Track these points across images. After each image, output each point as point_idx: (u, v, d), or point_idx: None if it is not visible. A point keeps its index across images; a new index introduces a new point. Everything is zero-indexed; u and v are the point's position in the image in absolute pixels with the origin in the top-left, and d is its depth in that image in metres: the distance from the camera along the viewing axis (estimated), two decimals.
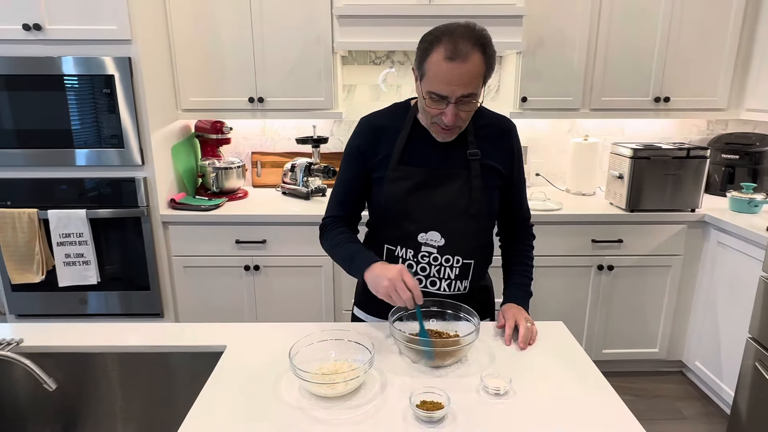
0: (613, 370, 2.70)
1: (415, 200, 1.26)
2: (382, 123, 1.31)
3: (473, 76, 1.12)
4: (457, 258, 1.29)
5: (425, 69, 1.14)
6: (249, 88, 2.54)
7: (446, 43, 1.10)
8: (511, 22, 2.36)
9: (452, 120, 1.16)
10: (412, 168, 1.26)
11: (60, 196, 2.32)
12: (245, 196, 2.72)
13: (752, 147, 2.65)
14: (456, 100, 1.14)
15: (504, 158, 1.32)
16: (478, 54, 1.11)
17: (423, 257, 1.28)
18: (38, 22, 2.13)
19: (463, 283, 1.32)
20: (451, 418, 0.96)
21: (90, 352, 1.24)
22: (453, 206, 1.26)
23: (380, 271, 1.16)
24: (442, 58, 1.10)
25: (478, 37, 1.12)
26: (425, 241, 1.28)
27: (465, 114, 1.19)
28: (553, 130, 2.94)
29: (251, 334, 1.27)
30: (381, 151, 1.28)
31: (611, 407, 1.00)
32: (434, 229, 1.27)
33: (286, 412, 0.98)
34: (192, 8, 2.44)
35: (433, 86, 1.14)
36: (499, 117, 1.35)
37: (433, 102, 1.16)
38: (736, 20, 2.49)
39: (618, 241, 2.46)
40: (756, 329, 1.91)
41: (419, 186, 1.26)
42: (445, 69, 1.10)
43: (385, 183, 1.27)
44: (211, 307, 2.52)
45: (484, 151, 1.28)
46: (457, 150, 1.27)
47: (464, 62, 1.10)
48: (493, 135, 1.31)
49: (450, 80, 1.11)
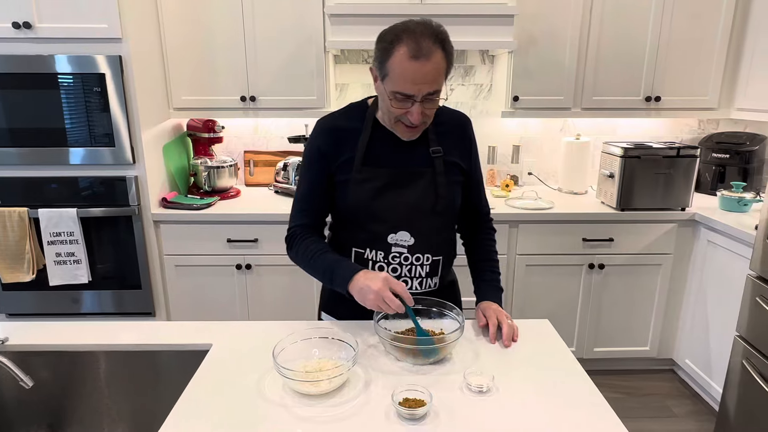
0: (604, 368, 2.71)
1: (383, 201, 1.25)
2: (340, 124, 1.28)
3: (437, 74, 1.12)
4: (427, 255, 1.29)
5: (388, 69, 1.13)
6: (241, 87, 2.54)
7: (408, 41, 1.09)
8: (503, 22, 2.36)
9: (418, 118, 1.15)
10: (378, 169, 1.25)
11: (51, 194, 2.32)
12: (237, 195, 2.72)
13: (742, 146, 2.66)
14: (421, 99, 1.13)
15: (463, 153, 1.33)
16: (439, 51, 1.11)
17: (394, 258, 1.27)
18: (28, 20, 2.12)
19: (434, 280, 1.33)
20: (434, 415, 0.96)
21: (75, 351, 1.24)
22: (421, 205, 1.26)
23: (364, 282, 1.13)
24: (407, 58, 1.09)
25: (437, 34, 1.11)
26: (395, 242, 1.27)
27: (430, 111, 1.18)
28: (545, 130, 2.95)
29: (237, 333, 1.27)
30: (343, 153, 1.26)
31: (593, 404, 1.01)
32: (404, 229, 1.26)
33: (269, 410, 0.98)
34: (184, 7, 2.44)
35: (398, 86, 1.13)
36: (454, 112, 1.36)
37: (398, 102, 1.15)
38: (726, 20, 2.50)
39: (609, 240, 2.47)
40: (743, 327, 1.92)
41: (386, 186, 1.25)
42: (410, 68, 1.09)
43: (350, 185, 1.25)
44: (202, 306, 2.52)
45: (445, 148, 1.29)
46: (420, 148, 1.27)
47: (428, 60, 1.09)
48: (452, 131, 1.32)
49: (415, 79, 1.10)
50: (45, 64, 2.17)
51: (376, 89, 1.21)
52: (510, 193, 2.76)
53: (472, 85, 2.87)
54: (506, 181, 2.77)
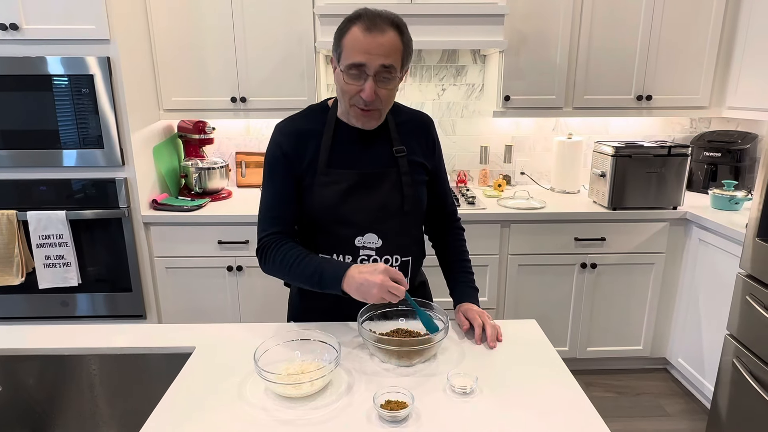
0: (597, 367, 2.71)
1: (349, 204, 1.23)
2: (301, 127, 1.25)
3: (391, 49, 1.11)
4: (396, 257, 1.28)
5: (343, 46, 1.13)
6: (231, 88, 2.53)
7: (363, 19, 1.11)
8: (493, 21, 2.36)
9: (371, 95, 1.13)
10: (342, 171, 1.23)
11: (40, 197, 2.31)
12: (229, 197, 2.71)
13: (734, 145, 2.66)
14: (374, 73, 1.12)
15: (426, 153, 1.32)
16: (393, 31, 1.12)
17: (362, 261, 1.25)
18: (15, 21, 2.11)
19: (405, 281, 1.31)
20: (415, 417, 0.96)
21: (59, 354, 1.22)
22: (387, 205, 1.25)
23: (362, 278, 1.10)
24: (360, 31, 1.10)
25: (393, 19, 1.13)
26: (363, 245, 1.25)
27: (384, 92, 1.15)
28: (537, 129, 2.95)
29: (221, 335, 1.26)
30: (306, 156, 1.23)
31: (577, 405, 1.00)
32: (370, 231, 1.24)
33: (250, 413, 0.97)
34: (173, 8, 2.43)
35: (351, 58, 1.11)
36: (416, 112, 1.36)
37: (351, 78, 1.13)
38: (716, 19, 2.50)
39: (601, 239, 2.46)
40: (734, 326, 1.92)
41: (351, 189, 1.23)
42: (363, 39, 1.10)
43: (314, 189, 1.22)
44: (194, 308, 2.51)
45: (408, 147, 1.28)
46: (383, 148, 1.26)
47: (382, 34, 1.10)
48: (414, 130, 1.31)
49: (368, 49, 1.10)
50: (33, 65, 2.16)
51: (335, 79, 1.19)
52: (502, 192, 2.76)
53: (464, 84, 2.87)
54: (498, 181, 2.77)
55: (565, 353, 2.62)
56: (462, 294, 1.35)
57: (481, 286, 2.50)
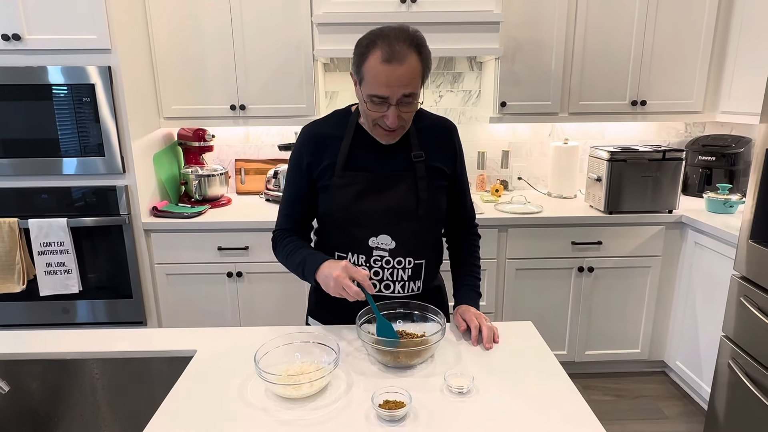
0: (595, 371, 2.72)
1: (363, 205, 1.27)
2: (323, 131, 1.31)
3: (412, 77, 1.14)
4: (409, 259, 1.30)
5: (363, 73, 1.15)
6: (231, 96, 2.56)
7: (382, 46, 1.12)
8: (489, 29, 2.40)
9: (394, 122, 1.18)
10: (358, 173, 1.27)
11: (41, 204, 2.33)
12: (228, 204, 2.73)
13: (728, 149, 2.69)
14: (397, 102, 1.15)
15: (447, 158, 1.34)
16: (414, 55, 1.13)
17: (375, 261, 1.29)
18: (17, 32, 2.14)
19: (417, 284, 1.33)
20: (413, 417, 0.97)
21: (61, 359, 1.24)
22: (401, 208, 1.28)
23: (327, 270, 1.18)
24: (380, 61, 1.12)
25: (412, 38, 1.14)
26: (376, 245, 1.28)
27: (407, 115, 1.20)
28: (534, 134, 2.98)
29: (221, 339, 1.28)
30: (325, 160, 1.28)
31: (573, 406, 1.02)
32: (384, 233, 1.28)
33: (250, 413, 0.99)
34: (173, 17, 2.46)
35: (373, 89, 1.15)
36: (439, 118, 1.38)
37: (374, 105, 1.17)
38: (709, 25, 2.54)
39: (598, 243, 2.49)
40: (730, 328, 1.94)
41: (366, 191, 1.27)
42: (384, 71, 1.12)
43: (331, 190, 1.27)
44: (194, 315, 2.52)
45: (428, 153, 1.30)
46: (401, 153, 1.29)
47: (401, 64, 1.12)
48: (435, 136, 1.33)
49: (389, 82, 1.13)
50: (35, 75, 2.19)
51: (356, 94, 1.24)
52: (500, 197, 2.78)
53: (461, 91, 2.90)
54: (496, 186, 2.79)
55: (564, 357, 2.63)
56: (463, 296, 1.37)
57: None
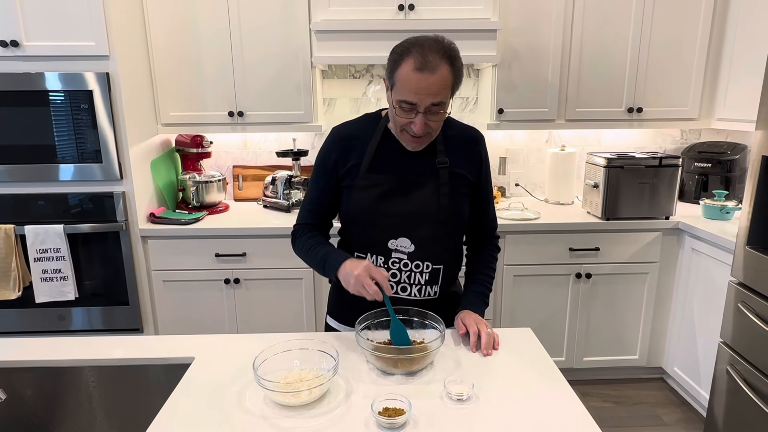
0: (594, 377, 2.72)
1: (384, 207, 1.29)
2: (353, 132, 1.34)
3: (441, 87, 1.16)
4: (427, 263, 1.31)
5: (395, 79, 1.18)
6: (229, 103, 2.57)
7: (416, 54, 1.15)
8: (486, 36, 2.41)
9: (421, 129, 1.20)
10: (381, 176, 1.29)
11: (37, 211, 2.32)
12: (226, 210, 2.73)
13: (724, 155, 2.70)
14: (425, 110, 1.17)
15: (472, 167, 1.35)
16: (446, 66, 1.16)
17: (393, 263, 1.30)
18: (16, 38, 2.14)
19: (434, 288, 1.34)
20: (413, 424, 0.97)
21: (57, 366, 1.23)
22: (422, 212, 1.29)
23: (349, 268, 1.19)
24: (412, 69, 1.14)
25: (446, 50, 1.17)
26: (395, 248, 1.30)
27: (434, 123, 1.22)
28: (531, 141, 2.99)
29: (219, 346, 1.27)
30: (351, 160, 1.31)
31: (573, 412, 1.02)
32: (404, 236, 1.29)
33: (249, 421, 0.98)
34: (171, 24, 2.47)
35: (402, 95, 1.17)
36: (467, 128, 1.40)
37: (403, 111, 1.20)
38: (704, 32, 2.56)
39: (595, 249, 2.49)
40: (727, 334, 1.94)
41: (388, 193, 1.29)
42: (415, 79, 1.15)
43: (354, 191, 1.30)
44: (191, 321, 2.51)
45: (453, 160, 1.31)
46: (427, 159, 1.30)
47: (433, 73, 1.14)
48: (462, 145, 1.35)
49: (419, 90, 1.15)
50: (33, 81, 2.19)
51: (387, 99, 1.26)
52: (497, 204, 2.79)
53: (458, 98, 2.91)
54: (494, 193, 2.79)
55: (562, 363, 2.63)
56: (468, 301, 1.36)
57: None
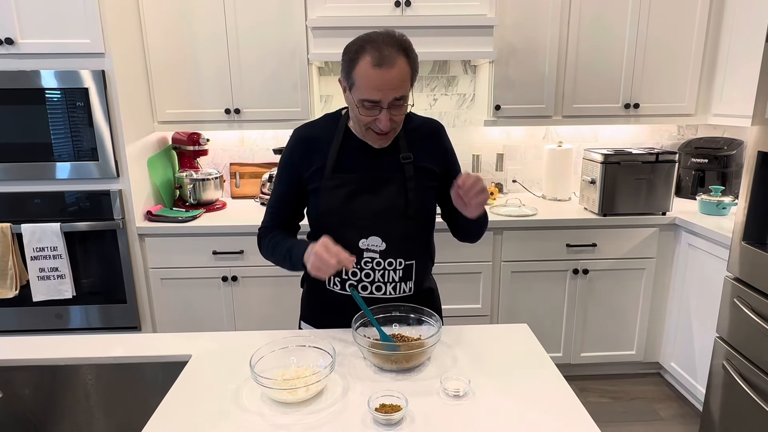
0: (591, 373, 2.73)
1: (353, 207, 1.28)
2: (314, 134, 1.33)
3: (401, 80, 1.16)
4: (400, 260, 1.31)
5: (354, 78, 1.17)
6: (225, 100, 2.56)
7: (371, 51, 1.14)
8: (482, 32, 2.41)
9: (387, 125, 1.19)
10: (347, 175, 1.29)
11: (34, 209, 2.31)
12: (223, 208, 2.73)
13: (720, 151, 2.71)
14: (388, 105, 1.17)
15: (436, 158, 1.35)
16: (402, 58, 1.15)
17: (366, 263, 1.30)
18: (11, 36, 2.13)
19: (408, 285, 1.34)
20: (409, 420, 0.97)
21: (54, 365, 1.23)
22: (390, 209, 1.29)
23: (310, 251, 1.17)
24: (370, 66, 1.13)
25: (400, 43, 1.16)
26: (366, 247, 1.29)
27: (398, 118, 1.22)
28: (528, 137, 2.99)
29: (216, 343, 1.28)
30: (314, 163, 1.30)
31: (569, 408, 1.02)
32: (374, 234, 1.29)
33: (246, 418, 0.99)
34: (167, 21, 2.46)
35: (364, 94, 1.16)
36: (427, 119, 1.40)
37: (366, 110, 1.19)
38: (700, 28, 2.56)
39: (592, 245, 2.49)
40: (724, 329, 1.95)
41: (355, 192, 1.28)
42: (374, 75, 1.13)
43: (321, 192, 1.28)
44: (189, 319, 2.51)
45: (416, 154, 1.31)
46: (390, 155, 1.30)
47: (392, 67, 1.13)
48: (423, 137, 1.35)
49: (380, 86, 1.14)
50: (28, 79, 2.18)
51: (346, 99, 1.25)
52: (494, 200, 2.79)
53: (456, 94, 2.91)
54: (491, 189, 2.80)
55: (559, 359, 2.63)
56: None
57: (475, 292, 2.52)
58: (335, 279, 1.32)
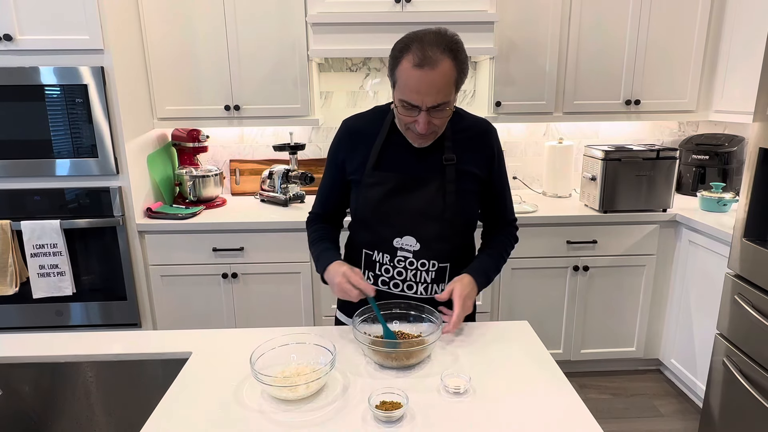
0: (591, 369, 2.73)
1: (390, 205, 1.27)
2: (361, 127, 1.32)
3: (443, 84, 1.11)
4: (433, 262, 1.30)
5: (396, 77, 1.14)
6: (225, 96, 2.55)
7: (415, 50, 1.09)
8: (483, 28, 2.40)
9: (425, 128, 1.16)
10: (387, 173, 1.27)
11: (34, 206, 2.31)
12: (223, 204, 2.72)
13: (721, 147, 2.70)
14: (427, 109, 1.13)
15: (483, 162, 1.30)
16: (448, 60, 1.10)
17: (399, 261, 1.30)
18: (9, 32, 2.12)
19: (440, 287, 1.32)
20: (410, 418, 0.97)
21: (54, 362, 1.23)
22: (427, 211, 1.26)
23: (331, 275, 1.24)
24: (411, 66, 1.09)
25: (447, 43, 1.10)
26: (401, 246, 1.29)
27: (438, 121, 1.17)
28: (528, 134, 2.98)
29: (216, 341, 1.27)
30: (358, 156, 1.30)
31: (568, 403, 1.02)
32: (409, 234, 1.28)
33: (246, 416, 0.98)
34: (167, 17, 2.45)
35: (403, 94, 1.14)
36: (478, 120, 1.34)
37: (405, 110, 1.16)
38: (701, 25, 2.55)
39: (593, 242, 2.49)
40: (724, 325, 1.95)
41: (393, 191, 1.27)
42: (415, 77, 1.10)
43: (360, 188, 1.29)
44: (189, 316, 2.51)
45: (461, 156, 1.27)
46: (433, 155, 1.27)
47: (433, 69, 1.08)
48: (472, 139, 1.30)
49: (419, 89, 1.10)
50: (27, 75, 2.17)
51: (393, 96, 1.21)
52: None
53: None
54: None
55: (559, 355, 2.64)
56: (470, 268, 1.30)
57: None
58: (369, 273, 1.34)
